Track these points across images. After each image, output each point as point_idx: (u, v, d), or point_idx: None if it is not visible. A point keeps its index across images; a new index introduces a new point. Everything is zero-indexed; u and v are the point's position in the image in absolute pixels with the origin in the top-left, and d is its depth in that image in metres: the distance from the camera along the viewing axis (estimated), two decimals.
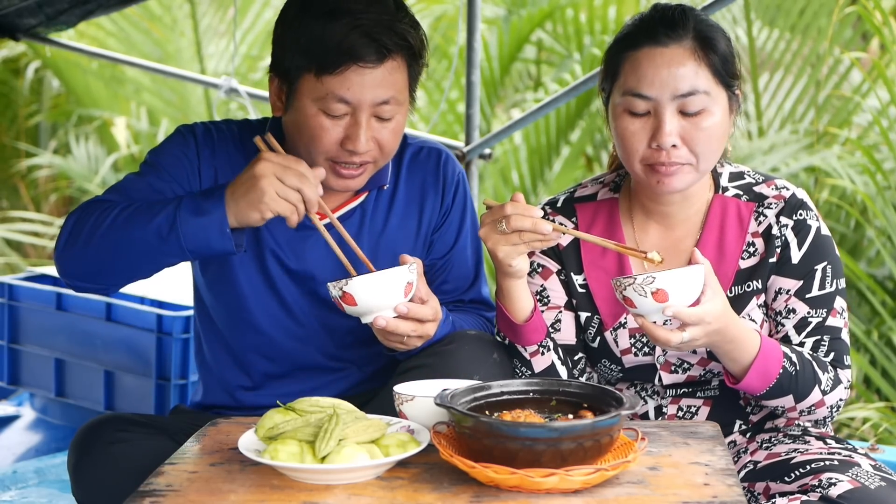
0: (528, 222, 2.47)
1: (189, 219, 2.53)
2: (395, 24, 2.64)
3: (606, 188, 2.83)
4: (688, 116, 2.56)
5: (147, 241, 2.57)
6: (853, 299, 5.64)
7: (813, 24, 6.61)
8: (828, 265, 2.65)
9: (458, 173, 2.96)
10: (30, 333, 4.68)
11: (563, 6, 7.49)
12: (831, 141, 6.39)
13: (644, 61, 2.58)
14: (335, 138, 2.65)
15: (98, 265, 2.65)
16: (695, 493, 2.06)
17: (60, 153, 9.17)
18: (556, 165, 7.22)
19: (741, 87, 2.67)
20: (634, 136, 2.59)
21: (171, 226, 2.54)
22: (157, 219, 2.55)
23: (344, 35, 2.60)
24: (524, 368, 2.70)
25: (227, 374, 2.92)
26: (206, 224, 2.52)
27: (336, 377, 2.89)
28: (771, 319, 2.69)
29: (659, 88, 2.56)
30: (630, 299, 2.38)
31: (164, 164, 2.77)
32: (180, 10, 8.58)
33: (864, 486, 2.34)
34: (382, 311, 2.50)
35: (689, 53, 2.56)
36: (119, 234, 2.58)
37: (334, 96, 2.62)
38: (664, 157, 2.56)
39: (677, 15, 2.60)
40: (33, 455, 4.51)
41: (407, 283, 2.50)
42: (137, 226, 2.57)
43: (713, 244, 2.69)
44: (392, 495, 2.09)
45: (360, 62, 2.61)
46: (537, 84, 8.14)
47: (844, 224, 6.09)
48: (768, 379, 2.54)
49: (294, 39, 2.66)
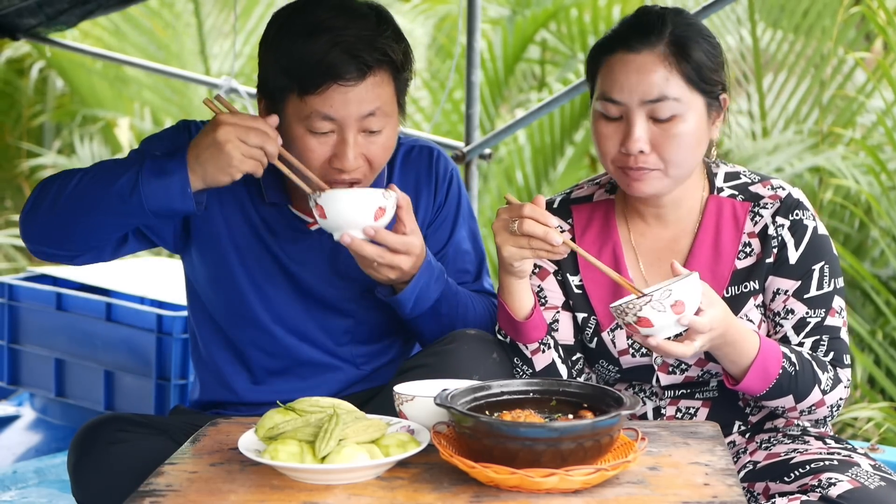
0: (540, 229, 2.46)
1: (151, 179, 2.55)
2: (376, 39, 2.63)
3: (602, 189, 2.83)
4: (658, 122, 2.57)
5: (109, 202, 2.60)
6: (857, 299, 5.63)
7: (817, 24, 6.60)
8: (825, 265, 2.65)
9: (451, 170, 2.96)
10: (30, 333, 4.68)
11: (568, 6, 7.49)
12: (835, 141, 6.38)
13: (616, 66, 2.60)
14: (323, 157, 2.65)
15: (61, 228, 2.67)
16: (695, 493, 2.06)
17: (65, 153, 9.17)
18: (560, 166, 7.22)
19: (727, 92, 2.66)
20: (608, 140, 2.61)
21: (133, 186, 2.56)
22: (119, 180, 2.58)
23: (324, 53, 2.59)
24: (525, 367, 2.69)
25: (227, 369, 2.91)
26: (168, 184, 2.55)
27: (336, 374, 2.88)
28: (769, 320, 2.68)
29: (628, 94, 2.57)
30: (646, 319, 2.34)
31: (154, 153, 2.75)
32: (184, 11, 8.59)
33: (864, 486, 2.33)
34: (350, 230, 2.55)
35: (659, 59, 2.57)
36: (81, 195, 2.62)
37: (318, 114, 2.62)
38: (632, 161, 2.58)
39: (653, 20, 2.61)
40: (33, 455, 4.51)
41: (378, 206, 2.54)
42: (99, 186, 2.60)
43: (709, 245, 2.69)
44: (392, 495, 2.09)
45: (341, 80, 2.60)
46: (541, 84, 8.14)
47: (848, 224, 6.08)
48: (768, 380, 2.53)
49: (275, 60, 2.66)
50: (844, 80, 6.60)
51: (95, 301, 4.45)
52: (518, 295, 2.63)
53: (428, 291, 2.72)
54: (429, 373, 2.56)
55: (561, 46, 7.75)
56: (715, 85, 2.62)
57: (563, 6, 7.45)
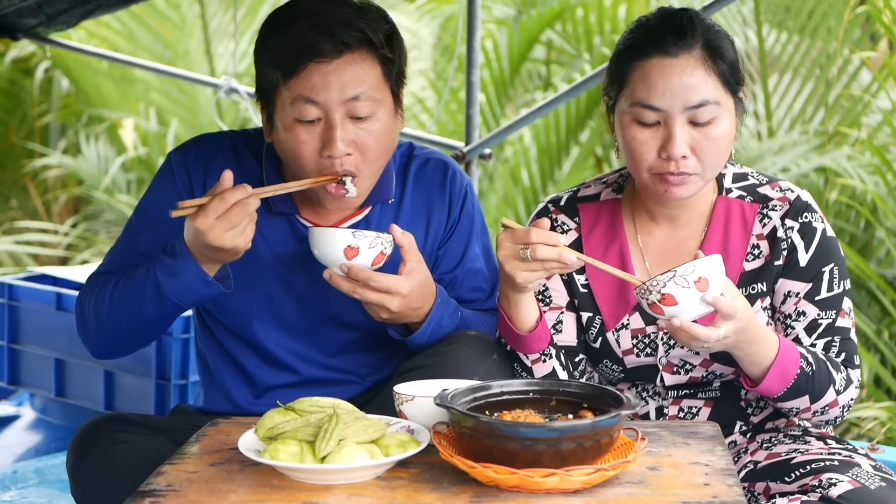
0: (553, 252, 2.43)
1: (170, 281, 2.59)
2: (354, 20, 2.64)
3: (609, 188, 2.81)
4: (698, 126, 2.54)
5: (146, 312, 2.66)
6: (863, 299, 5.63)
7: (822, 24, 6.60)
8: (835, 266, 2.65)
9: (465, 185, 2.93)
10: (30, 333, 4.67)
11: (573, 6, 7.48)
12: (841, 141, 6.37)
13: (654, 72, 2.55)
14: (314, 148, 2.64)
15: (119, 342, 2.79)
16: (695, 493, 2.06)
17: (70, 153, 9.18)
18: (565, 165, 7.22)
19: (745, 90, 2.65)
20: (644, 146, 2.57)
21: (158, 293, 2.61)
22: (144, 292, 2.63)
23: (300, 36, 2.61)
24: (524, 374, 2.68)
25: (230, 383, 2.89)
26: (188, 282, 2.58)
27: (339, 388, 2.85)
28: (779, 322, 2.68)
29: (670, 100, 2.53)
30: (670, 296, 2.31)
31: (155, 210, 2.80)
32: (190, 11, 8.59)
33: (865, 487, 2.33)
34: (330, 266, 2.61)
35: (698, 63, 2.54)
36: (119, 314, 2.70)
37: (301, 98, 2.62)
38: (673, 167, 2.54)
39: (686, 22, 2.57)
40: (33, 455, 4.50)
41: (346, 245, 2.56)
42: (130, 301, 2.67)
43: (717, 246, 2.68)
44: (392, 495, 2.09)
45: (317, 58, 2.61)
46: (547, 84, 8.13)
47: (854, 224, 6.08)
48: (787, 380, 2.52)
49: (264, 55, 2.69)
50: (850, 80, 6.60)
51: None
52: (524, 308, 2.60)
53: (440, 330, 2.70)
54: (429, 373, 2.55)
55: (566, 46, 7.74)
56: (742, 84, 2.61)
57: (568, 6, 7.44)
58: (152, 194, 2.84)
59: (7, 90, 9.27)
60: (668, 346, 2.68)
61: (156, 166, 8.62)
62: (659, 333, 2.69)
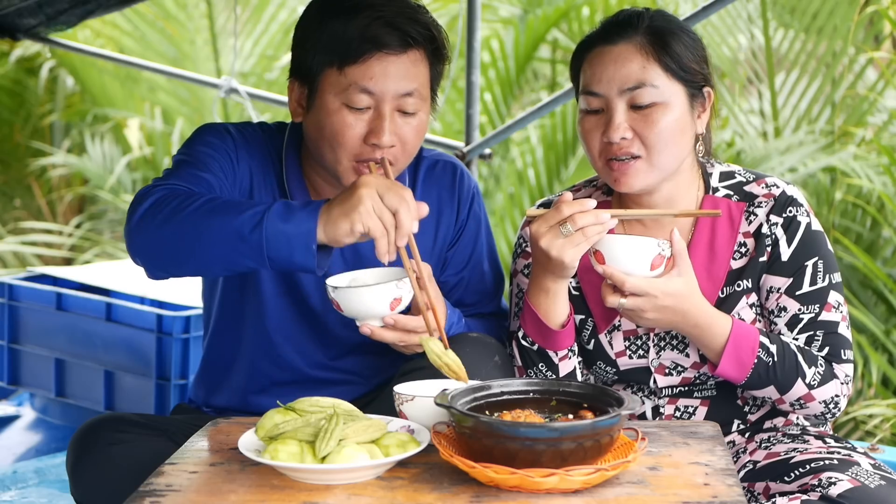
0: (590, 217, 2.48)
1: (277, 223, 2.36)
2: (418, 16, 2.65)
3: (599, 191, 2.84)
4: (639, 109, 2.60)
5: (227, 236, 2.40)
6: (870, 298, 5.62)
7: (828, 23, 6.58)
8: (819, 260, 2.65)
9: (473, 188, 2.94)
10: (30, 333, 4.67)
11: (579, 5, 7.47)
12: (847, 140, 6.37)
13: (594, 59, 2.65)
14: (358, 133, 2.63)
15: (171, 249, 2.47)
16: (695, 493, 2.06)
17: (75, 153, 9.18)
18: (571, 165, 7.21)
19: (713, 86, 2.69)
20: (590, 133, 2.65)
21: (255, 224, 2.37)
22: (242, 215, 2.39)
23: (366, 26, 2.60)
24: (549, 373, 2.69)
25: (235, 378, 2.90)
26: (293, 232, 2.36)
27: (343, 389, 2.85)
28: (765, 319, 2.69)
29: (607, 83, 2.61)
30: (600, 253, 2.51)
31: (205, 159, 2.68)
32: (196, 10, 8.59)
33: (864, 486, 2.33)
34: (368, 321, 2.52)
35: (636, 49, 2.61)
36: (200, 222, 2.42)
37: (357, 87, 2.60)
38: (615, 149, 2.60)
39: (633, 16, 2.66)
40: (33, 455, 4.51)
41: (393, 298, 2.49)
42: (221, 217, 2.42)
43: (704, 245, 2.69)
44: (392, 495, 2.09)
45: (385, 49, 2.60)
46: (552, 84, 8.13)
47: (861, 223, 6.07)
48: (744, 368, 2.56)
49: (316, 38, 2.66)
50: (856, 79, 6.59)
51: (95, 301, 4.45)
52: (562, 298, 2.63)
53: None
54: (429, 374, 2.54)
55: (572, 46, 7.72)
56: (696, 75, 2.64)
57: (574, 5, 7.43)
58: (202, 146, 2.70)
59: (11, 89, 9.28)
60: (658, 348, 2.70)
61: (161, 166, 8.62)
62: (650, 335, 2.71)
